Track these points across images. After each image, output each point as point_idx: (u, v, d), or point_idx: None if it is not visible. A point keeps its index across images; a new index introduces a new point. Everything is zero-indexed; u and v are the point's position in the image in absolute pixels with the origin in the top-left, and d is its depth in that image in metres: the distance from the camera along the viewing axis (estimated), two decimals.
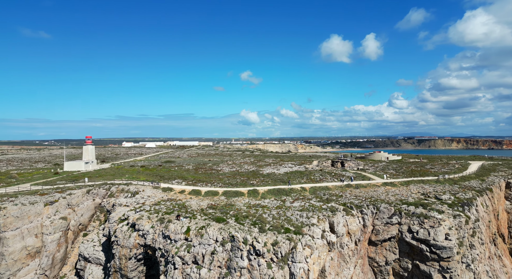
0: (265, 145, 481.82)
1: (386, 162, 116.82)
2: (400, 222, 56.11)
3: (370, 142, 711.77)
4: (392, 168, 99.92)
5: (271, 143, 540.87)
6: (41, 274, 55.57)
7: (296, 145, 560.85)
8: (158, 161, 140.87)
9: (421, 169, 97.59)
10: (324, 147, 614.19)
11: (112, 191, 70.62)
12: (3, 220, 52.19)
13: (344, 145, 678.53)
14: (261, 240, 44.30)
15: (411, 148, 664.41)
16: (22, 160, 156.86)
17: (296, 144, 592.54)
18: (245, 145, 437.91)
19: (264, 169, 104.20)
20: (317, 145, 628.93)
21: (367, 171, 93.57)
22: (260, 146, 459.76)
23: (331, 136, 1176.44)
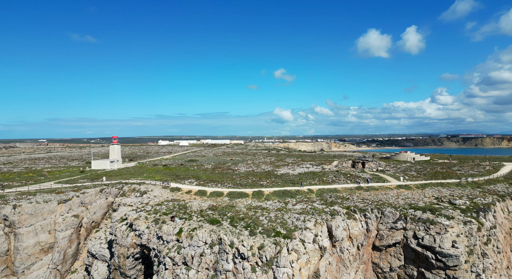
0: (297, 143, 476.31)
1: (410, 163, 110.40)
2: (405, 227, 53.51)
3: (409, 140, 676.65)
4: (415, 170, 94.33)
5: (303, 142, 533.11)
6: (53, 269, 59.01)
7: (329, 144, 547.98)
8: (182, 160, 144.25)
9: (446, 171, 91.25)
10: (359, 146, 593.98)
11: (124, 190, 73.27)
12: (18, 217, 56.00)
13: (381, 143, 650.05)
14: (246, 243, 43.83)
15: (455, 147, 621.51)
16: (61, 158, 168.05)
17: (329, 142, 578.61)
18: (276, 144, 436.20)
19: (280, 169, 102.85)
20: (351, 144, 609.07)
21: (386, 173, 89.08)
22: (292, 144, 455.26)
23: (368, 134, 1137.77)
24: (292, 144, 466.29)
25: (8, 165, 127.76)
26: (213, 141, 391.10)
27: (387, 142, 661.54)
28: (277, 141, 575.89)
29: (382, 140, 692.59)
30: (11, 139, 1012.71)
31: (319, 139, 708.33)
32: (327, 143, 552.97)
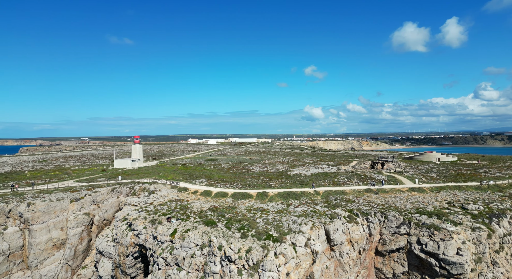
0: (326, 142, 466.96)
1: (434, 164, 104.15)
2: (409, 232, 51.55)
3: (447, 138, 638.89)
4: (436, 171, 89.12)
5: (333, 140, 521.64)
6: (65, 264, 62.06)
7: (360, 142, 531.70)
8: (203, 158, 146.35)
9: (471, 173, 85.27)
10: (392, 144, 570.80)
11: (135, 189, 75.44)
12: (32, 215, 59.41)
13: (416, 142, 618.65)
14: (234, 246, 43.67)
15: (500, 145, 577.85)
16: (93, 156, 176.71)
17: (361, 141, 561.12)
18: (304, 142, 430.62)
19: (294, 169, 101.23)
20: (384, 142, 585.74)
21: (404, 174, 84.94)
22: (321, 143, 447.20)
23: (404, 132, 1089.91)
24: (321, 142, 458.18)
25: (43, 163, 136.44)
26: (240, 140, 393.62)
27: (423, 140, 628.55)
28: (306, 139, 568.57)
29: (418, 139, 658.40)
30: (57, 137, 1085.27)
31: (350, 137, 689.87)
32: (358, 141, 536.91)
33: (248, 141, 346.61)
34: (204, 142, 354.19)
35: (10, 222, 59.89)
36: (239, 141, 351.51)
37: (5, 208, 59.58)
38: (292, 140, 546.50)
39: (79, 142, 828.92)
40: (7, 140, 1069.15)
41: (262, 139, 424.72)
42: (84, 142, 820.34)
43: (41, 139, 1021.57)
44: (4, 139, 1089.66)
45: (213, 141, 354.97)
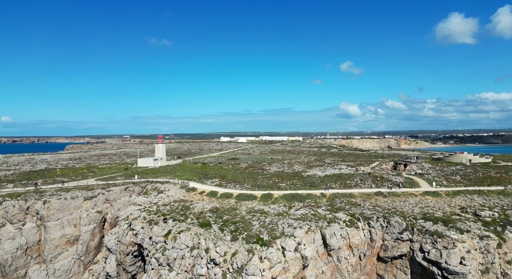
0: (361, 140, 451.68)
1: (463, 166, 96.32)
2: (412, 239, 49.08)
3: (497, 136, 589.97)
4: (462, 174, 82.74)
5: (368, 138, 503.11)
6: (77, 259, 65.40)
7: (398, 140, 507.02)
8: (225, 157, 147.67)
9: (500, 176, 78.59)
10: (434, 143, 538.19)
11: (147, 188, 77.66)
12: (47, 212, 63.21)
13: (461, 140, 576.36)
14: (220, 249, 43.65)
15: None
16: (125, 154, 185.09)
17: (398, 139, 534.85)
18: (338, 140, 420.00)
19: (310, 170, 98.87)
20: (425, 140, 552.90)
21: (425, 176, 79.93)
22: (355, 141, 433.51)
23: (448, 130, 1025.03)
24: (356, 141, 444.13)
25: (76, 161, 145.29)
26: (271, 138, 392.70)
27: (469, 138, 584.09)
28: (340, 137, 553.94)
29: (463, 137, 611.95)
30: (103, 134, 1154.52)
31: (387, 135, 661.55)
32: (396, 139, 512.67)
33: (278, 140, 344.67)
34: (235, 140, 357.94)
35: (28, 219, 64.23)
36: (269, 140, 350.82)
37: (23, 205, 63.96)
38: (325, 138, 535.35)
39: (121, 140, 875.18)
40: (59, 137, 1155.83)
41: (293, 138, 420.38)
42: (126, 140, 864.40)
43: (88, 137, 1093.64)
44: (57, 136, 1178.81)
45: (243, 139, 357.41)
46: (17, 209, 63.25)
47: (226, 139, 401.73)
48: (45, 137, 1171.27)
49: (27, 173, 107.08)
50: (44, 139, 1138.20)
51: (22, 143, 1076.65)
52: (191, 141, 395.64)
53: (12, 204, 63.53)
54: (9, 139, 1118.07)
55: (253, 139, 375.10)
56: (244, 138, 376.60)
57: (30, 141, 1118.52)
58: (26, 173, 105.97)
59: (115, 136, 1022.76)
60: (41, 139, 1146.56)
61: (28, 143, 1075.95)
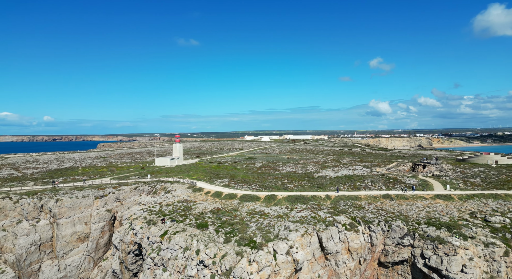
0: (390, 139, 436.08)
1: (487, 167, 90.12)
2: (413, 244, 47.33)
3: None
4: (484, 176, 78.00)
5: (398, 137, 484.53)
6: (87, 256, 67.91)
7: (430, 139, 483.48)
8: (242, 157, 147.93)
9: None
10: (470, 142, 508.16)
11: (156, 188, 79.22)
12: (59, 210, 66.07)
13: (500, 139, 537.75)
14: (210, 251, 43.86)
15: None
16: (147, 152, 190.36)
17: (431, 138, 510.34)
18: (365, 139, 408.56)
19: (323, 171, 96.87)
20: (460, 139, 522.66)
21: (441, 179, 76.32)
22: (384, 140, 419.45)
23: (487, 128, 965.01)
24: (384, 139, 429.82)
25: (101, 160, 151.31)
26: (295, 137, 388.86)
27: (510, 137, 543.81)
28: (369, 136, 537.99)
29: (503, 135, 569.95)
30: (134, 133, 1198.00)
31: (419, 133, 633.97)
32: (428, 138, 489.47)
33: (302, 139, 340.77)
34: (258, 139, 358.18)
35: (42, 216, 67.51)
36: (292, 138, 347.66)
37: (38, 203, 67.26)
38: (352, 137, 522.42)
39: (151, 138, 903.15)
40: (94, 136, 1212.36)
41: (318, 136, 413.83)
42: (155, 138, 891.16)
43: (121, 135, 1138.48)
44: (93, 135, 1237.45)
45: (266, 138, 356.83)
46: (32, 206, 66.65)
47: (250, 137, 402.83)
48: (82, 135, 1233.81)
49: (52, 171, 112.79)
50: (81, 138, 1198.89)
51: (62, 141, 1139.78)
52: (216, 140, 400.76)
53: (27, 202, 67.03)
54: (50, 137, 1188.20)
55: (277, 138, 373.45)
56: (267, 137, 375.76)
57: (68, 139, 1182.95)
58: (51, 171, 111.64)
59: (146, 134, 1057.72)
60: (79, 137, 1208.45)
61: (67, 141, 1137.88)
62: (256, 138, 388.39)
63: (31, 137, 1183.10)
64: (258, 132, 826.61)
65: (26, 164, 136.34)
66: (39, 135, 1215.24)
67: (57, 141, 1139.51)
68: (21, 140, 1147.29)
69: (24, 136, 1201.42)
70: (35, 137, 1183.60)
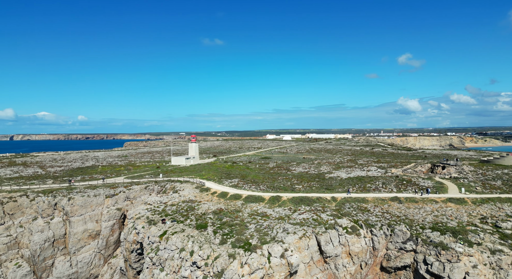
0: (418, 138, 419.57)
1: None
2: (416, 249, 45.81)
3: None
4: (505, 179, 74.88)
5: (427, 136, 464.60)
6: (98, 252, 70.04)
7: (463, 138, 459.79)
8: (258, 156, 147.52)
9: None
10: (506, 141, 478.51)
11: (166, 187, 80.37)
12: (71, 208, 68.54)
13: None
14: (203, 252, 44.02)
15: None
16: (167, 151, 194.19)
17: (463, 136, 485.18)
18: (391, 138, 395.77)
19: (336, 171, 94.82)
20: (495, 138, 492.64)
21: (459, 181, 72.86)
22: (411, 139, 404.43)
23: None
24: (412, 138, 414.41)
25: (121, 158, 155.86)
26: (317, 136, 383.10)
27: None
28: (396, 134, 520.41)
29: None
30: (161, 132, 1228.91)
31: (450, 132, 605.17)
32: (460, 137, 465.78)
33: (325, 138, 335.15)
34: (280, 138, 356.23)
35: (56, 213, 70.28)
36: (315, 137, 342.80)
37: (52, 201, 70.08)
38: (378, 135, 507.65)
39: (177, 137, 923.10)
40: (124, 134, 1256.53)
41: (342, 135, 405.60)
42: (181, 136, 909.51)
43: (149, 134, 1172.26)
44: (122, 133, 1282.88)
45: (288, 137, 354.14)
46: (46, 204, 69.55)
47: (271, 136, 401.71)
48: (112, 134, 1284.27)
49: (74, 169, 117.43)
50: (111, 136, 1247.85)
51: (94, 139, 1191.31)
52: (238, 139, 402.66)
53: (42, 200, 70.02)
54: (83, 136, 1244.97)
55: (298, 137, 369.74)
56: (289, 136, 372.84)
57: (100, 137, 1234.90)
58: (73, 170, 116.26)
59: (172, 133, 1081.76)
60: (109, 136, 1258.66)
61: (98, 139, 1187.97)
62: (278, 137, 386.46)
63: (66, 136, 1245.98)
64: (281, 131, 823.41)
65: (52, 162, 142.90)
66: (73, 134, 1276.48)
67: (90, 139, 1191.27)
68: (57, 139, 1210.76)
69: (60, 134, 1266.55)
70: (70, 136, 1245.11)
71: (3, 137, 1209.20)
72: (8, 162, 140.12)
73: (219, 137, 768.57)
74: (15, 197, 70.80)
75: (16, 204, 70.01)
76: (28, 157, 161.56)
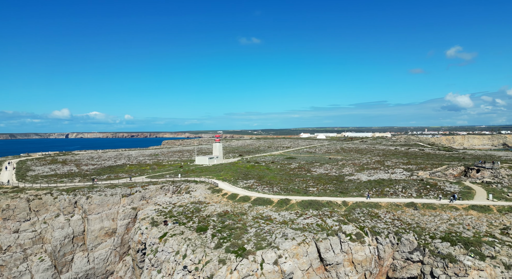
0: (467, 136, 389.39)
1: None
2: (423, 260, 42.96)
3: None
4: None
5: (478, 134, 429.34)
6: (114, 250, 72.45)
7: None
8: (283, 156, 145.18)
9: None
10: None
11: (181, 188, 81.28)
12: (88, 206, 71.52)
13: None
14: (195, 257, 43.52)
15: None
16: (198, 150, 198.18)
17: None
18: (436, 137, 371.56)
19: (358, 174, 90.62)
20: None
21: (491, 186, 67.02)
22: (459, 138, 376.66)
23: None
24: (460, 137, 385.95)
25: (151, 157, 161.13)
26: (353, 134, 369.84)
27: None
28: (442, 133, 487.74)
29: None
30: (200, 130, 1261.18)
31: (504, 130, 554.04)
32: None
33: (361, 136, 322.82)
34: (313, 137, 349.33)
35: (76, 211, 73.71)
36: (350, 136, 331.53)
37: (72, 199, 73.62)
38: (422, 134, 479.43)
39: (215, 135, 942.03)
40: (165, 133, 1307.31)
41: (381, 134, 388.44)
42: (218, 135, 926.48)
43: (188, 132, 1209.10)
44: (164, 132, 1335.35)
45: (322, 135, 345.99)
46: (67, 202, 73.22)
47: (305, 135, 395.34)
48: (155, 132, 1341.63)
49: (105, 168, 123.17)
50: (154, 134, 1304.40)
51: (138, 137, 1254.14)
52: (271, 137, 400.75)
53: (64, 198, 73.81)
54: (128, 134, 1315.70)
55: (333, 136, 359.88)
56: (323, 135, 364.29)
57: (143, 135, 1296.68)
58: (103, 168, 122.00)
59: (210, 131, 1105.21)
60: (152, 134, 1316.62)
61: (142, 137, 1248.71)
62: (312, 135, 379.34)
63: (113, 134, 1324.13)
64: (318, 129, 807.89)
65: (88, 160, 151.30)
66: (120, 132, 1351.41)
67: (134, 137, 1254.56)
68: (105, 137, 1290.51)
69: (108, 133, 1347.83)
70: (117, 134, 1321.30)
71: (60, 135, 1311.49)
72: (51, 160, 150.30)
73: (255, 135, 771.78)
74: (40, 195, 75.39)
75: (41, 202, 74.51)
76: (69, 155, 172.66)
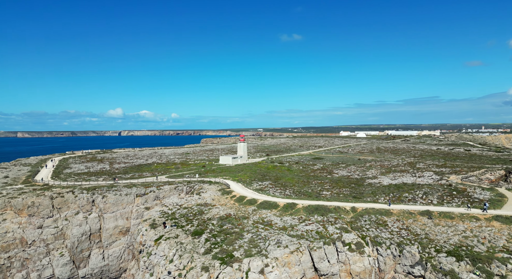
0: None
1: None
2: (424, 275, 39.46)
3: None
4: None
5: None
6: (127, 248, 74.25)
7: None
8: (311, 156, 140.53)
9: None
10: None
11: (195, 188, 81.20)
12: (104, 205, 73.94)
13: None
14: (179, 262, 42.83)
15: None
16: (229, 149, 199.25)
17: None
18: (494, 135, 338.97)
19: (381, 177, 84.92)
20: None
21: None
22: None
23: None
24: None
25: (183, 156, 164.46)
26: (397, 133, 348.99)
27: None
28: (502, 131, 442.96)
29: None
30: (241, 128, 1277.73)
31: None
32: None
33: (404, 135, 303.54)
34: (353, 135, 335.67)
35: (93, 209, 76.62)
36: (393, 135, 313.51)
37: (90, 198, 76.64)
38: (478, 131, 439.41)
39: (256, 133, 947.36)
40: (208, 131, 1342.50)
41: (428, 132, 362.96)
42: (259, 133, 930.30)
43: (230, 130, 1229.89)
44: (207, 130, 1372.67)
45: (362, 134, 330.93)
46: (85, 201, 76.38)
47: (345, 133, 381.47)
48: (198, 130, 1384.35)
49: (134, 166, 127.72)
50: (197, 132, 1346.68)
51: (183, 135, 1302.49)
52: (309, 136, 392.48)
53: (83, 197, 77.12)
54: (174, 131, 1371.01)
55: (375, 134, 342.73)
56: (363, 133, 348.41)
57: (188, 133, 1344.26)
58: (133, 167, 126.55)
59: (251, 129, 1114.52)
60: (196, 132, 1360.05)
61: (187, 135, 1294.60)
62: (352, 134, 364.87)
63: (161, 132, 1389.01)
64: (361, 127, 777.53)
65: (123, 158, 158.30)
66: (166, 130, 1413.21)
67: (179, 135, 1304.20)
68: (153, 134, 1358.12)
69: (156, 130, 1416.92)
70: (164, 132, 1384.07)
71: (113, 133, 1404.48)
72: (90, 158, 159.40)
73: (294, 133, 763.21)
74: (63, 193, 79.50)
75: (63, 199, 78.56)
76: (107, 154, 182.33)
